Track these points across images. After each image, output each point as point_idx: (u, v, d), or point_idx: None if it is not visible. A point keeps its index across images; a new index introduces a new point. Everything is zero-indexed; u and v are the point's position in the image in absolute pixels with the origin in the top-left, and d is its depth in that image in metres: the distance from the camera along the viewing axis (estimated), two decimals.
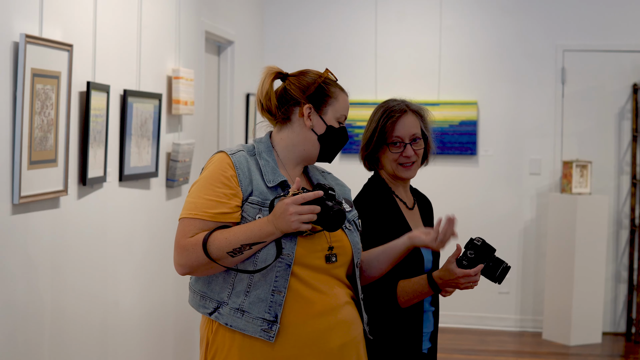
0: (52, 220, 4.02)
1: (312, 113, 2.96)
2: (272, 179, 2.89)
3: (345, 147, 8.35)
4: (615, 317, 8.56)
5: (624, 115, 8.51)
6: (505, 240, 8.43)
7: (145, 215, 5.22)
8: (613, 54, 8.51)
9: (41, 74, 3.75)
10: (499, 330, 8.55)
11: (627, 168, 8.51)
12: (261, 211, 2.83)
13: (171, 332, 5.73)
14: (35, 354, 3.89)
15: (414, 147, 3.44)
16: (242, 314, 2.81)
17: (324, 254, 2.89)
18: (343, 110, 3.01)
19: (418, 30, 8.77)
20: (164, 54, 5.52)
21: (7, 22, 3.57)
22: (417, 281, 3.31)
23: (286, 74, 3.04)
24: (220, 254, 2.76)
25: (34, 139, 3.72)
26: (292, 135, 2.98)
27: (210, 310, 2.86)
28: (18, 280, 3.72)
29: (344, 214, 2.79)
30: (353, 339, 2.95)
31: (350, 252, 2.99)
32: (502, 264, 3.26)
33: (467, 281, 3.22)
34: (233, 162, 2.86)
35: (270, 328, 2.79)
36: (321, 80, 2.99)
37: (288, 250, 2.81)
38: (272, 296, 2.80)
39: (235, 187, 2.83)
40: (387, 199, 3.46)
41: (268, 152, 2.96)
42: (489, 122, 8.66)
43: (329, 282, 2.92)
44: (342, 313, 2.92)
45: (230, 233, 2.77)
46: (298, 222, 2.73)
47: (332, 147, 3.01)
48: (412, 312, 3.37)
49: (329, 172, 3.19)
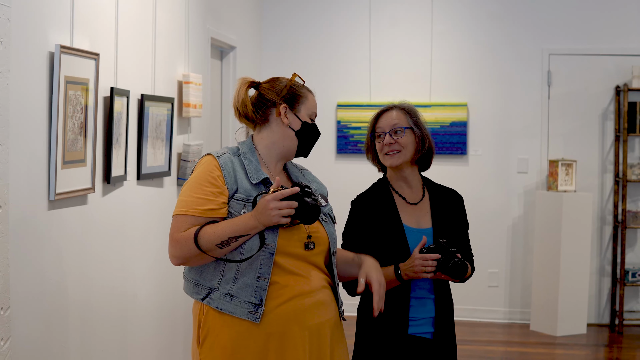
0: (81, 216, 4.33)
1: (287, 112, 3.29)
2: (255, 177, 3.21)
3: (341, 147, 8.69)
4: (600, 309, 8.74)
5: (607, 116, 8.67)
6: (494, 236, 8.68)
7: (159, 212, 5.53)
8: (597, 58, 8.66)
9: (73, 81, 4.07)
10: (489, 322, 8.75)
11: (611, 167, 8.68)
12: (245, 206, 3.16)
13: (182, 322, 6.04)
14: (64, 342, 4.19)
15: (395, 136, 3.72)
16: (231, 298, 3.13)
17: (302, 242, 3.22)
18: (313, 108, 3.36)
19: (410, 35, 8.92)
20: (175, 60, 5.83)
21: (43, 34, 3.87)
22: (386, 269, 3.60)
23: (258, 83, 3.39)
24: (210, 246, 3.09)
25: (67, 141, 4.04)
26: (272, 134, 3.32)
27: (202, 295, 3.18)
28: (51, 274, 4.02)
29: (319, 209, 3.12)
30: (329, 319, 3.27)
31: (327, 241, 3.31)
32: (455, 258, 3.59)
33: (421, 264, 3.54)
34: (219, 163, 3.19)
35: (256, 310, 3.11)
36: (292, 83, 3.34)
37: (271, 241, 3.13)
38: (257, 282, 3.12)
39: (222, 185, 3.16)
40: (383, 195, 3.77)
41: (251, 152, 3.29)
42: (478, 123, 8.82)
43: (307, 268, 3.24)
44: (318, 295, 3.24)
45: (219, 227, 3.09)
46: (278, 217, 3.06)
47: (308, 141, 3.35)
48: (397, 298, 3.65)
49: (307, 169, 3.55)
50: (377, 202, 3.77)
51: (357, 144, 8.77)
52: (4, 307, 3.33)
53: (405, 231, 3.71)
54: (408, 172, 3.83)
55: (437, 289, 3.74)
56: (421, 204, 3.82)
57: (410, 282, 3.67)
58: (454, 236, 3.79)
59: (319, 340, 3.22)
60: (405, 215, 3.76)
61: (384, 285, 3.33)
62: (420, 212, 3.80)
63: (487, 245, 8.62)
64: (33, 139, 3.79)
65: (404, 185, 3.83)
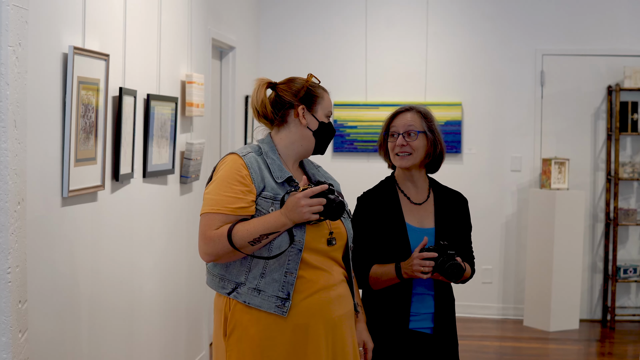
0: (91, 213, 4.45)
1: (305, 112, 3.42)
2: (280, 176, 3.34)
3: (338, 146, 8.81)
4: (592, 305, 8.85)
5: (599, 116, 8.78)
6: (488, 234, 8.77)
7: (163, 208, 5.65)
8: (589, 58, 8.77)
9: (85, 82, 4.18)
10: (483, 318, 8.86)
11: (602, 165, 8.79)
12: (273, 204, 3.29)
13: (184, 316, 6.17)
14: (77, 334, 4.31)
15: (407, 138, 3.82)
16: (259, 293, 3.26)
17: (325, 238, 3.36)
18: (329, 107, 3.49)
19: (406, 36, 9.01)
20: (179, 60, 5.95)
21: (57, 35, 3.98)
22: (387, 267, 3.74)
23: (275, 83, 3.51)
24: (243, 243, 3.21)
25: (79, 140, 4.16)
26: (290, 134, 3.44)
27: (228, 290, 3.31)
28: (64, 268, 4.13)
29: (344, 205, 3.28)
30: (347, 312, 3.43)
31: (346, 236, 3.46)
32: (452, 260, 3.68)
33: (419, 264, 3.64)
34: (245, 162, 3.32)
35: (283, 304, 3.24)
36: (308, 84, 3.46)
37: (299, 237, 3.27)
38: (285, 277, 3.26)
39: (250, 184, 3.28)
40: (389, 193, 3.89)
41: (272, 151, 3.42)
42: (472, 122, 8.93)
43: (329, 262, 3.38)
44: (339, 289, 3.39)
45: (250, 225, 3.22)
46: (309, 213, 3.21)
47: (325, 140, 3.49)
48: (399, 294, 3.77)
49: (320, 165, 3.70)
50: (382, 199, 3.88)
51: (353, 142, 8.90)
52: (22, 300, 3.44)
53: (408, 230, 3.82)
54: (415, 174, 3.92)
55: (437, 286, 3.84)
56: (425, 204, 3.92)
57: (411, 279, 3.78)
58: (456, 237, 3.88)
59: (339, 332, 3.36)
60: (409, 215, 3.86)
61: (371, 348, 3.65)
62: (424, 212, 3.90)
63: (481, 242, 8.69)
64: (47, 138, 3.91)
65: (411, 185, 3.93)
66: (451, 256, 3.68)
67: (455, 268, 3.67)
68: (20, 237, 3.42)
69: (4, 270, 3.27)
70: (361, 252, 3.80)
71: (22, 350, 3.44)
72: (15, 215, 3.35)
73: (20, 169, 3.42)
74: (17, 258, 3.37)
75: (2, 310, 3.28)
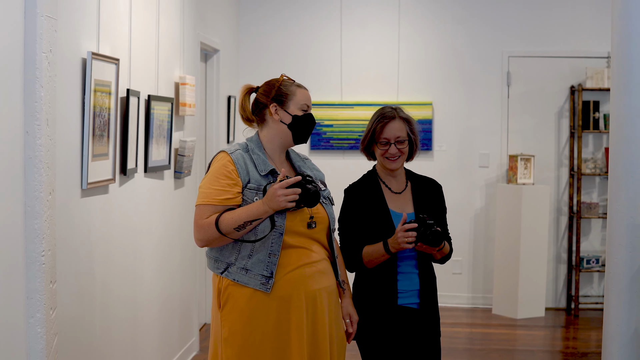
0: (104, 204, 4.80)
1: (278, 109, 3.83)
2: (263, 169, 3.77)
3: (315, 143, 9.13)
4: (557, 294, 9.15)
5: (563, 114, 9.07)
6: (458, 227, 8.93)
7: (160, 202, 6.00)
8: (553, 59, 9.05)
9: (100, 84, 4.54)
10: (454, 307, 9.15)
11: (566, 161, 9.08)
12: (257, 194, 3.71)
13: (177, 303, 6.52)
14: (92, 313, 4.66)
15: (398, 146, 4.20)
16: (246, 272, 3.69)
17: (305, 222, 3.77)
18: (304, 101, 3.87)
19: (379, 37, 9.26)
20: (173, 63, 6.30)
21: (77, 42, 4.33)
22: (376, 245, 4.13)
23: (256, 88, 3.92)
24: (229, 230, 3.64)
25: (96, 137, 4.53)
26: (270, 130, 3.87)
27: (221, 270, 3.74)
28: (82, 256, 4.49)
29: (319, 194, 3.68)
30: (327, 287, 3.83)
31: (327, 220, 3.88)
32: (432, 227, 4.01)
33: (403, 235, 4.00)
34: (232, 159, 3.74)
35: (267, 282, 3.67)
36: (279, 84, 3.87)
37: (280, 223, 3.69)
38: (269, 258, 3.68)
39: (236, 178, 3.71)
40: (372, 185, 4.29)
41: (258, 147, 3.84)
42: (442, 121, 9.19)
43: (310, 242, 3.80)
44: (319, 266, 3.80)
45: (235, 214, 3.65)
46: (285, 202, 3.60)
47: (302, 130, 3.88)
48: (386, 273, 4.17)
49: (307, 157, 4.09)
50: (366, 190, 4.28)
51: (329, 140, 9.23)
52: (52, 281, 3.79)
53: (392, 215, 4.21)
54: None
55: (420, 265, 4.23)
56: (404, 192, 4.32)
57: (396, 259, 4.16)
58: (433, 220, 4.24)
59: (319, 303, 3.76)
60: (391, 202, 4.26)
61: (356, 321, 4.03)
62: (404, 199, 4.30)
63: (451, 235, 8.66)
64: (69, 135, 4.27)
65: (391, 177, 4.32)
66: (431, 225, 4.02)
67: (435, 234, 3.99)
68: (51, 224, 3.78)
69: (38, 254, 3.64)
70: (352, 236, 4.20)
71: (53, 325, 3.80)
72: (47, 204, 3.72)
73: (52, 163, 3.77)
74: (49, 243, 3.73)
75: (37, 289, 3.65)
